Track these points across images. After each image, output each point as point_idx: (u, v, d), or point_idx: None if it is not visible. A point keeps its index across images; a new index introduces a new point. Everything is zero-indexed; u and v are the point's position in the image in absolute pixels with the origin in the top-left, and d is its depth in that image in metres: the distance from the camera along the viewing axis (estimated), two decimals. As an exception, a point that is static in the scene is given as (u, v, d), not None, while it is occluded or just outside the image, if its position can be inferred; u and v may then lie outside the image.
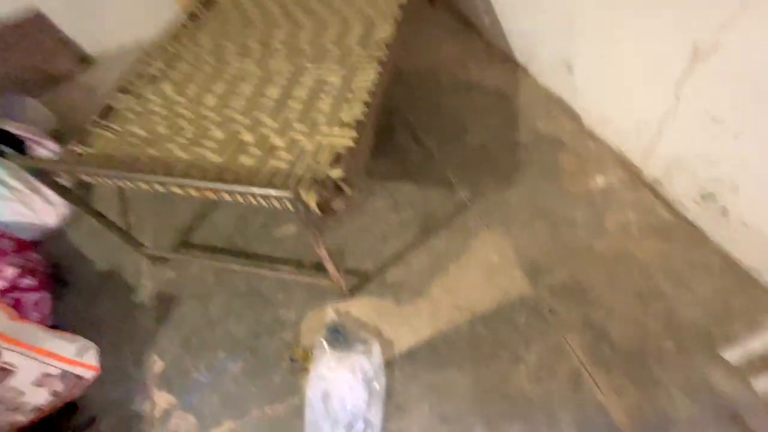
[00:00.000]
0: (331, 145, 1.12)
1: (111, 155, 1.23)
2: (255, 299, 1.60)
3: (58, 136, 2.11)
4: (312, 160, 1.10)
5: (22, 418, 1.24)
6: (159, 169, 1.16)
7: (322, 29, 1.54)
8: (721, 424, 1.14)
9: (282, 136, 1.18)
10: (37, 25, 2.59)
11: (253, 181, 1.07)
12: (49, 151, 1.96)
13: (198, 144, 1.22)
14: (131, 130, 1.30)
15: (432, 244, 1.62)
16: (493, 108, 2.05)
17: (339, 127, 1.17)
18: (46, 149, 1.96)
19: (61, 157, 1.24)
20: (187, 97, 1.38)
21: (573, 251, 1.52)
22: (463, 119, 2.03)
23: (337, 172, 1.04)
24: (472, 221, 1.66)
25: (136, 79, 1.48)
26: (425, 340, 1.40)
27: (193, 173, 1.13)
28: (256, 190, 0.99)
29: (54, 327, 1.52)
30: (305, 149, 1.13)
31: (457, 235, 1.63)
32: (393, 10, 1.54)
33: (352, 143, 1.11)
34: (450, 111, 2.09)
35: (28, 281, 1.56)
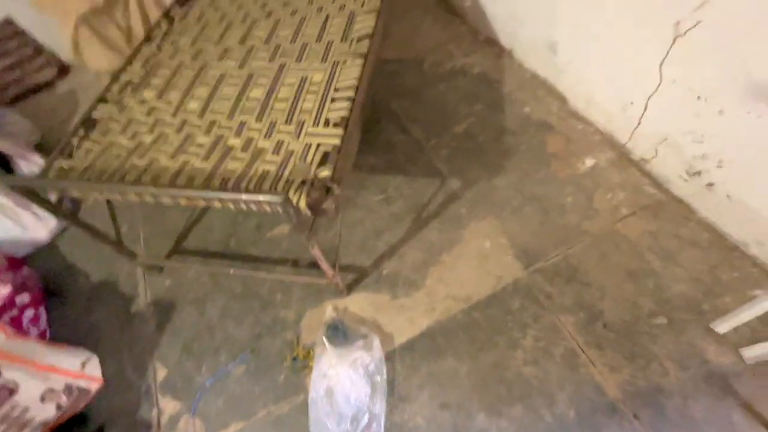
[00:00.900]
0: (318, 144, 1.12)
1: (97, 168, 1.22)
2: (254, 301, 1.61)
3: (42, 148, 2.08)
4: (300, 161, 1.10)
5: (30, 434, 1.26)
6: (146, 179, 1.15)
7: (302, 25, 1.52)
8: (713, 393, 1.19)
9: (268, 139, 1.18)
10: (8, 32, 2.53)
11: (241, 186, 1.07)
12: (34, 165, 1.94)
13: (184, 151, 1.21)
14: (115, 141, 1.29)
15: (425, 235, 1.63)
16: (479, 93, 2.04)
17: (325, 126, 1.16)
18: (31, 163, 1.94)
19: (46, 174, 1.23)
20: (169, 103, 1.36)
21: (564, 234, 1.54)
22: (449, 106, 2.02)
23: (325, 172, 1.04)
24: (464, 210, 1.67)
25: (116, 88, 1.45)
26: (423, 331, 1.43)
27: (181, 181, 1.12)
28: (245, 197, 0.99)
29: (52, 340, 1.52)
30: (292, 150, 1.13)
31: (449, 225, 1.64)
32: (374, 1, 1.52)
33: (339, 142, 1.11)
34: (436, 99, 2.07)
35: (23, 298, 1.56)
